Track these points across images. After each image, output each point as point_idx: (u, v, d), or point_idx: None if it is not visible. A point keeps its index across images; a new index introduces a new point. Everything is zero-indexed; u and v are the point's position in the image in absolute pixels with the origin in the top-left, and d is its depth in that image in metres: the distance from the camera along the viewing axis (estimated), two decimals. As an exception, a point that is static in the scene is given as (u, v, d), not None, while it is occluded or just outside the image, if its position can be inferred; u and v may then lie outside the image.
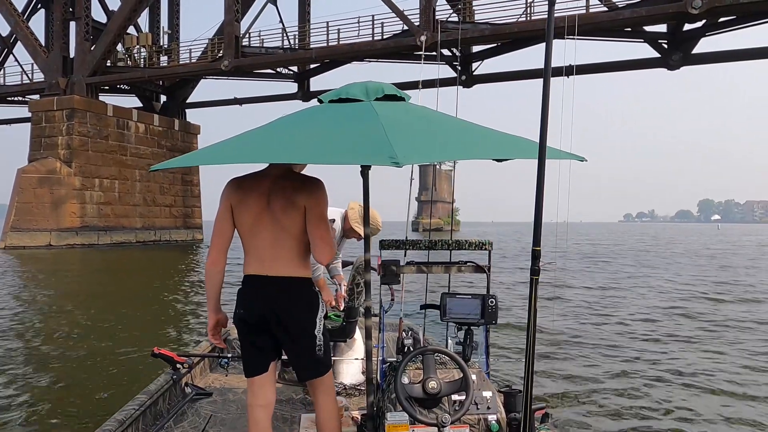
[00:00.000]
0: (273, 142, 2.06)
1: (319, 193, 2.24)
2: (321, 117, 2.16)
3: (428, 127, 2.19)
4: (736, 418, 4.50)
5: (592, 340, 7.40)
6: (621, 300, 11.38)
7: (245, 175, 2.31)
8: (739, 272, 17.94)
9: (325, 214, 2.25)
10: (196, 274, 16.86)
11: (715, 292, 12.48)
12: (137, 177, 31.66)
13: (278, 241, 2.21)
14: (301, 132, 2.07)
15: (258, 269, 2.22)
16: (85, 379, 5.57)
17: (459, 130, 2.22)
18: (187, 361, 3.40)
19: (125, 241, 30.38)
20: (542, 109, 1.88)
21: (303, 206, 2.20)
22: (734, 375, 5.78)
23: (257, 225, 2.21)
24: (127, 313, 9.49)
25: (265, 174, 2.27)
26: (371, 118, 2.02)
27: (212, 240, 2.29)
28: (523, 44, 23.06)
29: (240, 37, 26.71)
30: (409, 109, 2.25)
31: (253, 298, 2.22)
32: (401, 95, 2.27)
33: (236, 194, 2.24)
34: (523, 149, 2.10)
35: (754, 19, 20.60)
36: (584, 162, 2.11)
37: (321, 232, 2.19)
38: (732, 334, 7.99)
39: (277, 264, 2.20)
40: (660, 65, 23.18)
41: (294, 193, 2.21)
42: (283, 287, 2.20)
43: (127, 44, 30.86)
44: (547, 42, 1.93)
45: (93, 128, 29.11)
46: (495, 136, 2.20)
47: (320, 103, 2.27)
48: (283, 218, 2.20)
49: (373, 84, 2.25)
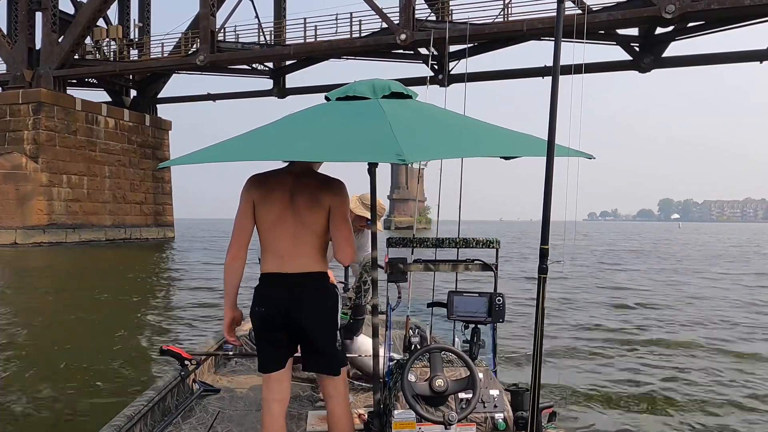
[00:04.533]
0: (281, 139, 2.05)
1: (343, 194, 2.26)
2: (328, 115, 2.15)
3: (435, 124, 2.19)
4: (748, 420, 4.46)
5: (601, 339, 7.34)
6: (634, 300, 11.14)
7: (267, 172, 2.28)
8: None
9: (347, 215, 2.26)
10: (171, 272, 16.56)
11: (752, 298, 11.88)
12: (107, 173, 30.84)
13: (298, 237, 2.20)
14: (309, 130, 2.07)
15: (277, 267, 2.21)
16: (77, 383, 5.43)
17: (466, 128, 2.22)
18: (194, 358, 3.41)
19: (94, 239, 29.57)
20: (551, 107, 1.89)
21: (328, 205, 2.21)
22: (749, 377, 5.67)
23: (279, 221, 2.20)
24: (95, 319, 9.23)
25: (287, 171, 2.27)
26: (378, 116, 2.01)
27: (233, 236, 2.25)
28: (502, 44, 23.27)
29: (216, 31, 26.26)
30: (416, 106, 2.25)
31: (272, 296, 2.21)
32: (408, 93, 2.27)
33: (259, 190, 2.22)
34: (531, 147, 2.10)
35: (720, 25, 21.30)
36: (592, 159, 2.12)
37: (345, 233, 2.21)
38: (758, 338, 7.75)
39: (296, 260, 2.20)
40: (632, 68, 23.74)
41: (318, 191, 2.21)
42: (301, 283, 2.20)
43: (96, 37, 29.99)
44: (556, 41, 1.93)
45: (60, 123, 28.23)
46: (502, 133, 2.20)
47: (327, 101, 2.26)
48: (306, 215, 2.20)
49: (380, 82, 2.24)
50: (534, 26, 20.91)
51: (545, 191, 1.88)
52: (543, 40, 23.01)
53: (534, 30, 21.09)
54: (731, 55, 23.45)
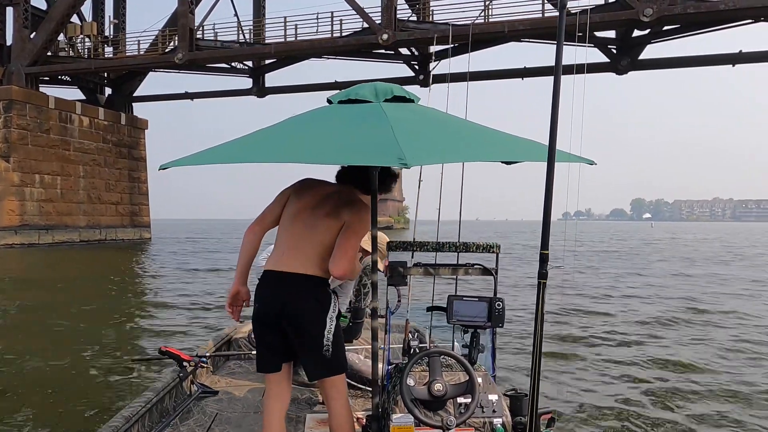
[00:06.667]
0: (282, 142, 2.03)
1: (363, 215, 2.28)
2: (330, 118, 2.14)
3: (437, 128, 2.19)
4: (747, 424, 4.42)
5: (600, 344, 7.27)
6: (631, 303, 11.10)
7: (318, 179, 2.41)
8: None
9: (359, 235, 2.27)
10: (151, 274, 16.27)
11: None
12: (81, 173, 30.15)
13: (305, 239, 2.23)
14: (311, 132, 2.05)
15: (276, 265, 2.25)
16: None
17: (468, 132, 2.21)
18: (193, 360, 3.40)
19: (68, 240, 28.90)
20: (552, 111, 1.89)
21: (344, 220, 2.24)
22: (750, 379, 5.64)
23: (296, 218, 2.27)
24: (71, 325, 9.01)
25: (332, 184, 2.40)
26: (380, 119, 2.00)
27: (258, 215, 2.38)
28: (483, 45, 23.42)
29: (195, 29, 25.89)
30: (418, 110, 2.24)
31: (267, 294, 2.24)
32: (410, 96, 2.28)
33: (299, 188, 2.36)
34: (532, 152, 2.11)
35: (696, 29, 21.83)
36: (593, 165, 2.14)
37: (347, 246, 2.21)
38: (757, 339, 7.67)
39: (296, 261, 2.22)
40: (609, 70, 24.16)
41: (342, 205, 2.28)
42: (294, 283, 2.21)
43: (69, 33, 29.34)
44: (558, 42, 1.93)
45: (33, 121, 27.50)
46: (504, 138, 2.21)
47: (330, 104, 2.26)
48: (321, 221, 2.24)
49: (382, 85, 2.24)
50: (515, 28, 21.10)
51: (546, 196, 1.89)
52: (524, 41, 23.25)
53: (515, 32, 21.29)
54: (705, 58, 24.09)
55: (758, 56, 23.66)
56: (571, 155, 2.10)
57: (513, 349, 6.79)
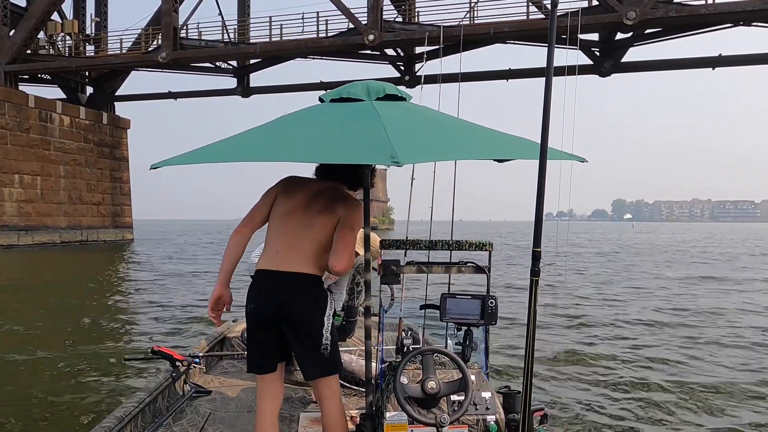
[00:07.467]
0: (274, 140, 2.02)
1: (357, 210, 2.28)
2: (322, 116, 2.13)
3: (429, 126, 2.19)
4: (740, 422, 4.42)
5: (593, 341, 7.30)
6: (623, 300, 11.14)
7: (303, 177, 2.39)
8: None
9: (356, 229, 2.26)
10: (131, 274, 16.05)
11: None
12: (62, 173, 29.64)
13: (300, 238, 2.22)
14: (303, 131, 2.04)
15: (269, 264, 2.22)
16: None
17: (460, 130, 2.22)
18: (186, 360, 3.36)
19: (49, 242, 28.39)
20: (544, 110, 1.91)
21: (339, 215, 2.23)
22: (744, 377, 5.65)
23: (288, 216, 2.25)
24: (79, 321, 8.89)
25: (318, 181, 2.38)
26: (372, 118, 2.00)
27: (245, 216, 2.34)
28: (469, 47, 23.53)
29: (179, 28, 25.63)
30: (410, 108, 2.24)
31: (262, 293, 2.22)
32: (402, 95, 2.27)
33: (287, 186, 2.33)
34: (524, 150, 2.12)
35: (678, 32, 22.22)
36: (585, 162, 2.16)
37: (347, 240, 2.21)
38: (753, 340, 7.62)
39: (290, 260, 2.20)
40: (593, 72, 24.46)
41: (335, 200, 2.27)
42: (291, 282, 2.19)
43: (50, 31, 28.84)
44: (550, 43, 1.94)
45: (12, 120, 26.96)
46: (496, 136, 2.22)
47: (321, 102, 2.24)
48: (315, 218, 2.23)
49: (374, 83, 2.24)
50: (501, 29, 21.25)
51: (538, 194, 1.90)
52: (509, 43, 23.43)
53: (501, 33, 21.45)
54: (687, 62, 24.51)
55: (737, 60, 24.19)
56: (563, 153, 2.12)
57: (506, 347, 6.80)
